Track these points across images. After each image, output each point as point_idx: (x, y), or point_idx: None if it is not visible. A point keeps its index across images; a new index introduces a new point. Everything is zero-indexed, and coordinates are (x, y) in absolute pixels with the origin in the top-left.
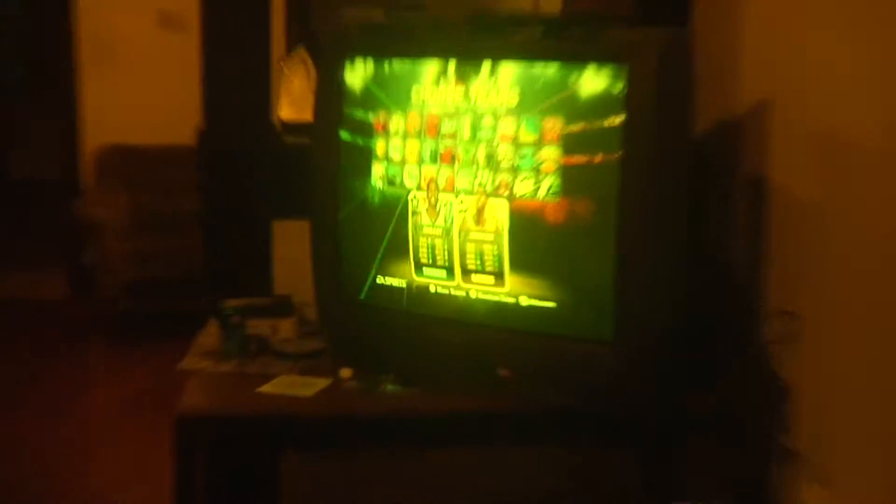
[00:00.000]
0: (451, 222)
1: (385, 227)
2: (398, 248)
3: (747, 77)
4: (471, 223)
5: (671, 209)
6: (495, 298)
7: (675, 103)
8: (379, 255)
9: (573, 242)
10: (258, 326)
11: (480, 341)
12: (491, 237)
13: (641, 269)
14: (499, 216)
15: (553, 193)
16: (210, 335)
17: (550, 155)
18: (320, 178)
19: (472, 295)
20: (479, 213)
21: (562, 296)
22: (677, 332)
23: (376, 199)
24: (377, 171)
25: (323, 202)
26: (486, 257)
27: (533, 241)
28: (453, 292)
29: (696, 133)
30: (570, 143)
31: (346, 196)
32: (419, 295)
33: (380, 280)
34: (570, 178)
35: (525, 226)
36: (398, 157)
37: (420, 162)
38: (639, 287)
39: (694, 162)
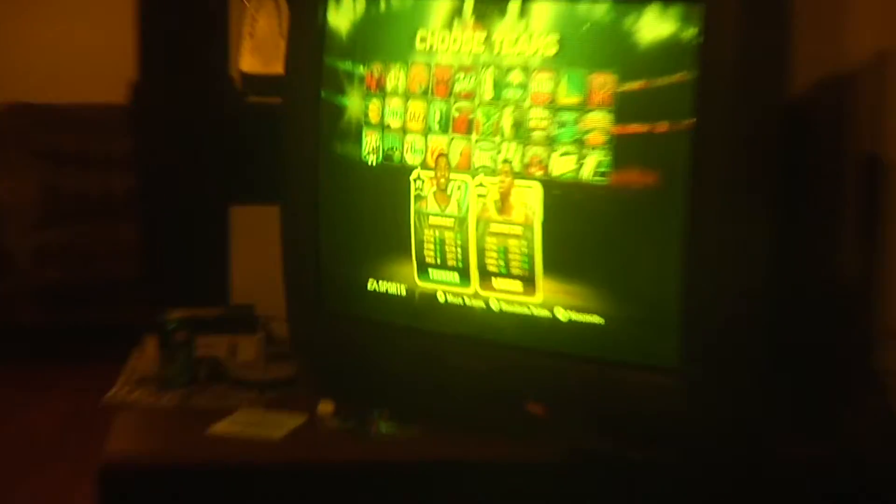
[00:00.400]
0: (467, 210)
1: (379, 217)
2: (396, 243)
3: (862, 22)
4: (492, 212)
5: (758, 196)
6: (524, 311)
7: (764, 55)
8: (370, 253)
9: (627, 238)
10: (211, 346)
11: (504, 367)
12: (518, 230)
13: (718, 274)
14: (529, 203)
15: (601, 173)
16: (147, 357)
17: (599, 122)
18: (293, 151)
19: (494, 306)
20: (504, 198)
21: (611, 308)
22: (765, 356)
23: (368, 180)
24: (369, 143)
25: (297, 183)
26: (511, 256)
27: (574, 236)
28: (468, 302)
29: (791, 94)
30: (624, 107)
31: (327, 175)
32: (423, 305)
33: (371, 286)
34: (625, 153)
35: (564, 215)
36: (397, 124)
37: (426, 131)
38: (715, 297)
39: (788, 133)
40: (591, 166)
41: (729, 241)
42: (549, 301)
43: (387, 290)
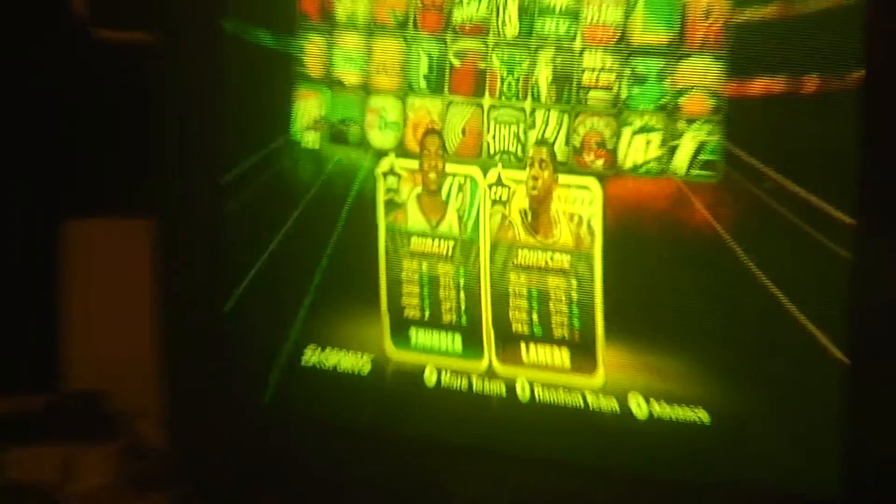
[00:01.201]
0: (475, 228)
1: (323, 239)
2: (353, 284)
3: None
4: (519, 230)
5: None
6: (574, 401)
7: None
8: (308, 303)
9: (750, 279)
10: (32, 464)
11: (544, 498)
12: (564, 261)
13: None
14: (582, 215)
15: (706, 164)
16: None
17: (702, 75)
18: (177, 127)
19: (522, 393)
20: (539, 207)
21: (726, 397)
22: None
23: (304, 176)
24: (306, 111)
25: (183, 178)
26: (553, 307)
27: (659, 273)
28: (479, 387)
29: None
30: (747, 49)
31: (235, 169)
32: (400, 393)
33: (310, 358)
34: (747, 131)
35: (641, 237)
36: (354, 79)
37: (405, 91)
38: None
39: None
40: (687, 152)
41: None
42: (618, 384)
43: (336, 366)
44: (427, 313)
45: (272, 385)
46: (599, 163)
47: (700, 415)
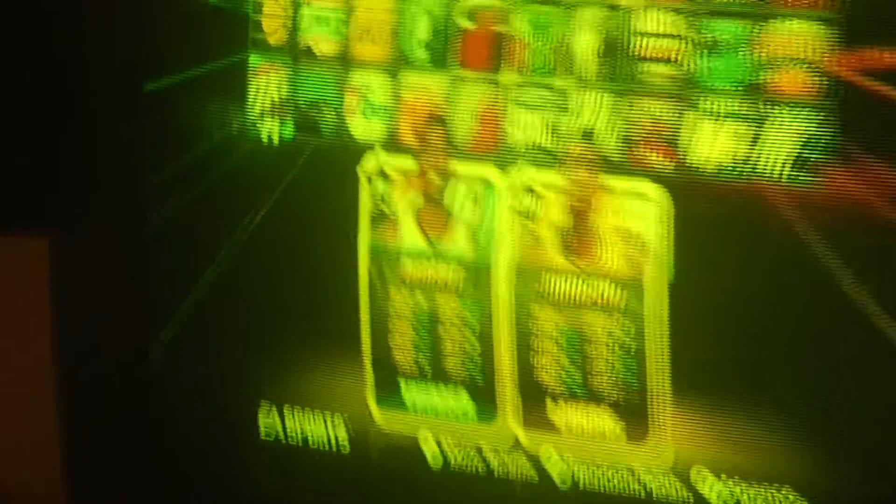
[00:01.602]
0: (492, 247)
1: (286, 260)
2: (325, 323)
3: None
4: (550, 252)
5: None
6: (625, 482)
7: None
8: (267, 348)
9: (870, 329)
10: None
11: None
12: (614, 294)
13: None
14: (638, 232)
15: (811, 168)
16: None
17: (805, 42)
18: (85, 107)
19: (557, 474)
20: (577, 222)
21: (830, 476)
22: None
23: (261, 177)
24: (266, 90)
25: (93, 182)
26: (597, 356)
27: (745, 315)
28: (496, 463)
29: None
30: (866, 12)
31: (165, 162)
32: (390, 473)
33: (268, 424)
34: (867, 122)
35: (719, 265)
36: (329, 47)
37: (396, 62)
38: None
39: None
40: (785, 149)
41: None
42: (687, 457)
43: (306, 436)
44: (424, 365)
45: (228, 459)
46: (662, 162)
47: (790, 498)
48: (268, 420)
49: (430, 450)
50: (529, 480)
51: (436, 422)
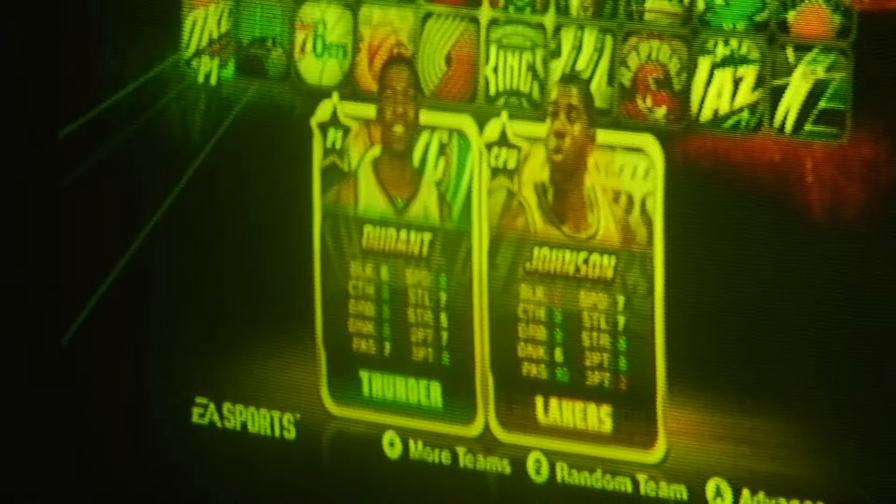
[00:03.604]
0: (465, 212)
1: (224, 226)
2: (270, 300)
3: None
4: (534, 217)
5: None
6: (617, 486)
7: None
8: (198, 329)
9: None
10: None
11: None
12: (606, 267)
13: None
14: (634, 194)
15: (828, 119)
16: None
17: None
18: None
19: (537, 474)
20: (565, 181)
21: (862, 483)
22: None
23: (196, 124)
24: (203, 24)
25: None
26: (588, 341)
27: (756, 290)
28: (469, 463)
29: None
30: None
31: (80, 108)
32: (347, 472)
33: (203, 412)
34: (891, 67)
35: (727, 231)
36: None
37: None
38: None
39: None
40: (799, 97)
41: None
42: (684, 460)
43: (246, 424)
44: (388, 348)
45: (161, 447)
46: (661, 112)
47: None
48: (204, 413)
49: (392, 446)
50: (504, 477)
51: (400, 416)
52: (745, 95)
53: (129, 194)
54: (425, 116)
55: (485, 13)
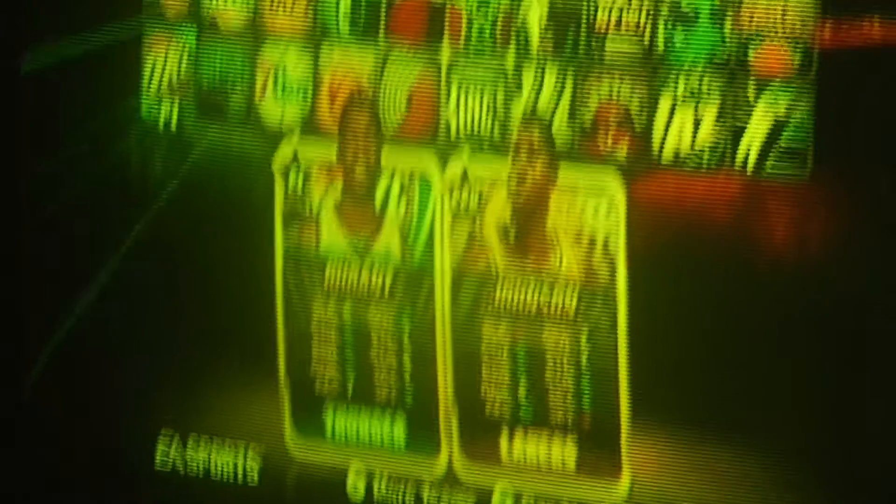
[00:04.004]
0: (427, 248)
1: (186, 266)
2: (232, 338)
3: None
4: (496, 255)
5: None
6: None
7: None
8: (160, 364)
9: (862, 337)
10: None
11: None
12: (568, 304)
13: None
14: (596, 232)
15: (789, 157)
16: None
17: (783, 12)
18: None
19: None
20: (526, 220)
21: None
22: None
23: (156, 168)
24: (163, 67)
25: None
26: (551, 377)
27: (719, 326)
28: (433, 501)
29: None
30: None
31: (45, 152)
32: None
33: (166, 456)
34: (851, 104)
35: (689, 270)
36: (236, 17)
37: (316, 36)
38: None
39: None
40: (759, 135)
41: None
42: (649, 493)
43: (209, 467)
44: (350, 386)
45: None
46: (622, 151)
47: None
48: (167, 456)
49: (355, 485)
50: None
51: (363, 453)
52: (707, 133)
53: (95, 238)
54: (386, 157)
55: (445, 53)
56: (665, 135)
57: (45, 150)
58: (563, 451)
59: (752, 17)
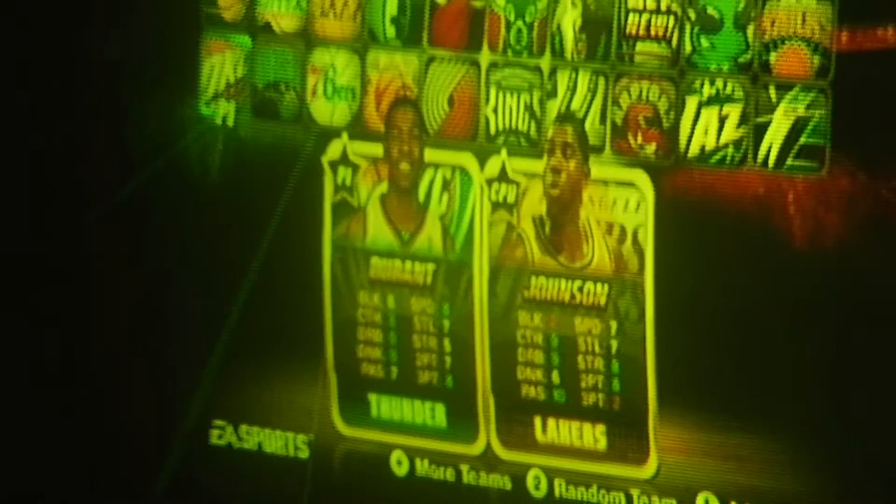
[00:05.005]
0: (467, 244)
1: (239, 259)
2: (283, 327)
3: None
4: (532, 248)
5: None
6: (615, 502)
7: None
8: (216, 355)
9: (881, 324)
10: None
11: None
12: (599, 294)
13: None
14: (626, 225)
15: (808, 154)
16: None
17: (803, 17)
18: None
19: (536, 489)
20: (561, 214)
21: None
22: None
23: (212, 164)
24: (219, 70)
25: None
26: (581, 363)
27: (742, 315)
28: (472, 479)
29: None
30: None
31: (105, 150)
32: (354, 487)
33: (221, 434)
34: (869, 104)
35: (714, 261)
36: (289, 23)
37: (364, 42)
38: None
39: None
40: (780, 134)
41: None
42: (674, 475)
43: (261, 445)
44: (394, 372)
45: (177, 469)
46: (651, 148)
47: None
48: (223, 435)
49: (399, 464)
50: (505, 493)
51: (407, 436)
52: (730, 132)
53: (151, 229)
54: (430, 154)
55: (485, 57)
56: (691, 133)
57: (110, 146)
58: (594, 435)
59: (773, 22)
